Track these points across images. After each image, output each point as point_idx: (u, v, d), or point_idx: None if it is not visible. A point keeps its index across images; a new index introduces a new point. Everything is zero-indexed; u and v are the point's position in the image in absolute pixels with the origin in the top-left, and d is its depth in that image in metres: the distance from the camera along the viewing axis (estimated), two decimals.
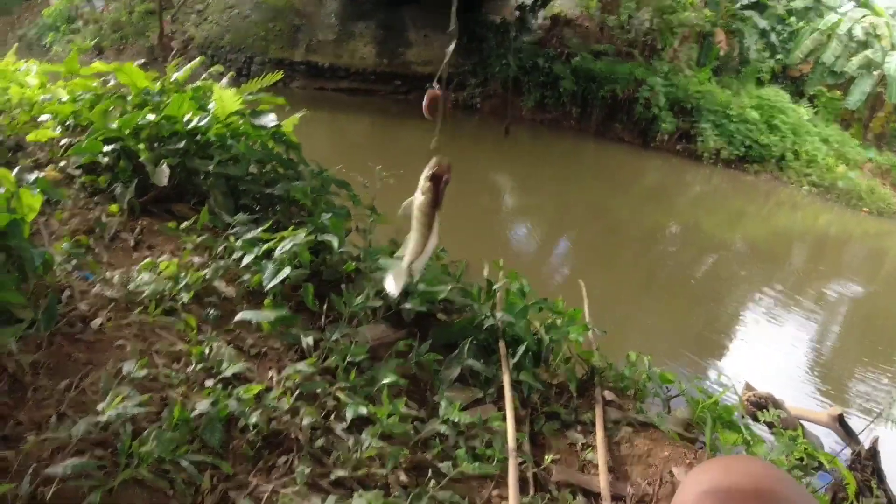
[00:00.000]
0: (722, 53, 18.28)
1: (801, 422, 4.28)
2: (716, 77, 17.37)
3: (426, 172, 0.83)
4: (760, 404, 4.24)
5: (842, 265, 11.36)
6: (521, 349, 2.74)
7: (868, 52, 16.91)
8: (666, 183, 14.59)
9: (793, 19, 19.53)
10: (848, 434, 4.12)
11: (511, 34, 17.75)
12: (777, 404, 4.24)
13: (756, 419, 4.06)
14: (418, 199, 0.88)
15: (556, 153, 15.13)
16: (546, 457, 2.37)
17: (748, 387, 4.56)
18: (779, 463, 2.37)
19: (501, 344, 2.83)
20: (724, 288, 8.49)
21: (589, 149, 15.87)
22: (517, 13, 18.59)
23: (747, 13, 18.74)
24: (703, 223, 12.01)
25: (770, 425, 3.66)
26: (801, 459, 2.49)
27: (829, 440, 4.35)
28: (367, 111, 15.79)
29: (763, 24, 18.24)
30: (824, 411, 4.31)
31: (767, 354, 6.49)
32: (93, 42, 15.93)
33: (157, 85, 4.13)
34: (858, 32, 17.70)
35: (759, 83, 18.01)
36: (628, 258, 9.24)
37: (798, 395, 5.46)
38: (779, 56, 18.94)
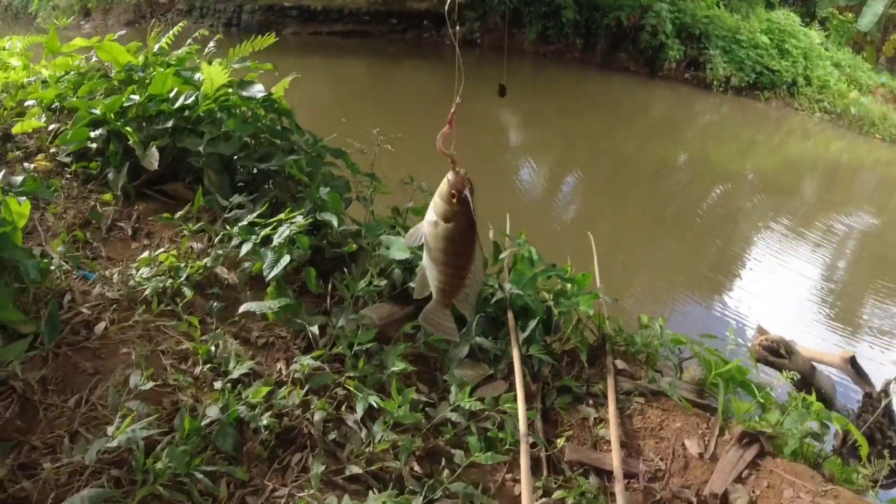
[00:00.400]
0: None
1: (814, 364, 4.29)
2: (724, 0, 16.70)
3: (444, 191, 0.66)
4: (773, 349, 4.24)
5: (853, 195, 11.15)
6: (532, 323, 2.70)
7: None
8: (674, 114, 14.23)
9: None
10: (860, 376, 4.13)
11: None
12: (789, 348, 4.24)
13: (770, 364, 4.07)
14: (441, 226, 0.71)
15: (559, 87, 14.73)
16: (559, 435, 2.37)
17: (760, 330, 4.54)
18: (788, 434, 2.36)
19: (510, 317, 2.79)
20: (733, 224, 8.38)
21: (594, 80, 15.45)
22: None
23: None
24: (713, 155, 11.77)
25: (780, 370, 3.66)
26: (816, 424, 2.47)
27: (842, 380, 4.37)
28: (363, 54, 15.36)
29: None
30: (837, 353, 4.30)
31: (779, 293, 6.45)
32: (79, 6, 15.43)
33: (140, 58, 3.98)
34: None
35: (769, 6, 17.30)
36: (635, 195, 9.10)
37: (811, 334, 5.46)
38: None
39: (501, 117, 11.75)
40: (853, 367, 4.15)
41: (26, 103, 3.96)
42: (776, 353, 4.09)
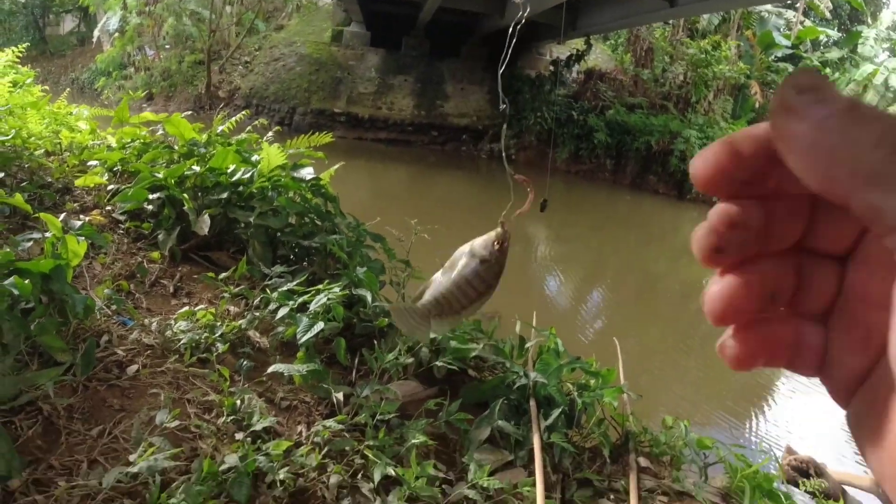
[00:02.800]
0: (757, 105, 18.28)
1: (844, 487, 4.09)
2: None
3: (497, 238, 0.67)
4: (802, 469, 4.07)
5: None
6: (555, 412, 2.68)
7: None
8: None
9: (828, 70, 19.54)
10: (891, 501, 3.90)
11: (546, 88, 18.05)
12: (819, 469, 4.07)
13: (797, 485, 3.88)
14: (485, 264, 0.73)
15: (590, 204, 15.13)
16: None
17: (789, 450, 4.39)
18: None
19: (533, 405, 2.78)
20: None
21: (624, 200, 15.83)
22: (552, 68, 18.96)
23: (781, 65, 18.82)
24: None
25: (812, 494, 3.50)
26: None
27: None
28: (405, 161, 16.09)
29: None
30: (867, 476, 4.10)
31: (809, 414, 6.23)
32: (143, 91, 16.68)
33: (204, 136, 4.29)
34: (895, 82, 17.54)
35: None
36: (664, 313, 9.07)
37: (840, 457, 5.21)
38: None
39: (534, 230, 12.04)
40: (885, 490, 3.93)
41: (89, 163, 4.25)
42: (805, 474, 3.92)
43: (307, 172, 3.97)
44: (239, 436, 2.18)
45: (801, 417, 6.11)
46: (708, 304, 0.29)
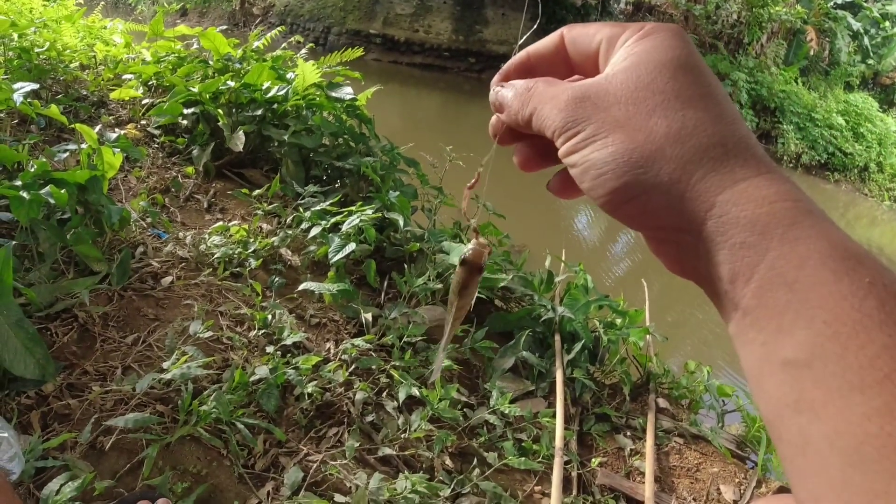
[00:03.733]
0: (811, 53, 17.35)
1: None
2: (803, 77, 16.53)
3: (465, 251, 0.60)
4: None
5: None
6: (578, 346, 2.70)
7: None
8: None
9: (887, 24, 18.36)
10: None
11: (592, 18, 17.33)
12: None
13: None
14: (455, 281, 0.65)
15: None
16: (592, 458, 2.34)
17: None
18: None
19: (557, 339, 2.79)
20: None
21: None
22: None
23: (840, 13, 17.68)
24: None
25: None
26: None
27: None
28: (439, 87, 15.76)
29: (856, 25, 17.21)
30: None
31: None
32: (178, 5, 16.43)
33: (239, 52, 4.22)
34: None
35: (848, 88, 17.07)
36: None
37: None
38: (870, 61, 17.88)
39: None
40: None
41: (124, 76, 4.24)
42: None
43: (346, 92, 3.90)
44: (269, 349, 2.23)
45: None
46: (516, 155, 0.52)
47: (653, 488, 2.17)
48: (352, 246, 2.66)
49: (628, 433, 2.53)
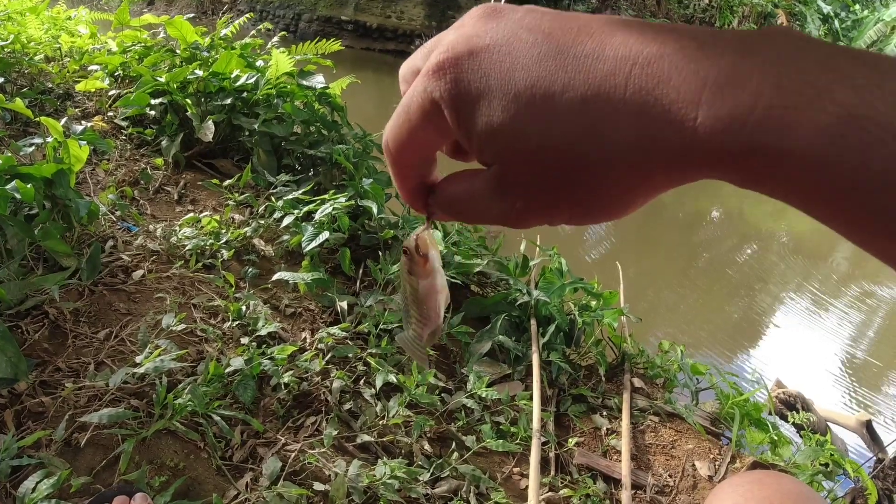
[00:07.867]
0: None
1: (829, 424, 4.21)
2: None
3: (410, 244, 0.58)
4: (790, 403, 4.18)
5: (888, 268, 10.93)
6: (553, 329, 2.73)
7: None
8: None
9: (857, 7, 18.68)
10: (874, 441, 4.04)
11: (564, 2, 17.34)
12: (806, 404, 4.18)
13: (784, 417, 4.00)
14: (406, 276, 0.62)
15: None
16: (570, 439, 2.37)
17: (779, 384, 4.49)
18: (803, 468, 2.33)
19: (533, 322, 2.82)
20: (762, 281, 8.29)
21: None
22: None
23: None
24: (748, 212, 11.70)
25: (799, 427, 3.60)
26: (826, 465, 2.44)
27: (856, 444, 4.27)
28: None
29: (827, 9, 17.48)
30: (853, 416, 4.21)
31: (802, 352, 6.34)
32: None
33: (206, 40, 4.14)
34: None
35: None
36: (666, 243, 9.07)
37: (829, 396, 5.35)
38: (841, 43, 18.23)
39: None
40: (868, 431, 4.06)
41: (90, 68, 4.14)
42: (792, 407, 4.03)
43: (317, 81, 3.86)
44: (244, 340, 2.22)
45: (793, 356, 6.22)
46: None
47: (629, 466, 2.21)
48: (325, 234, 2.65)
49: (604, 413, 2.57)
